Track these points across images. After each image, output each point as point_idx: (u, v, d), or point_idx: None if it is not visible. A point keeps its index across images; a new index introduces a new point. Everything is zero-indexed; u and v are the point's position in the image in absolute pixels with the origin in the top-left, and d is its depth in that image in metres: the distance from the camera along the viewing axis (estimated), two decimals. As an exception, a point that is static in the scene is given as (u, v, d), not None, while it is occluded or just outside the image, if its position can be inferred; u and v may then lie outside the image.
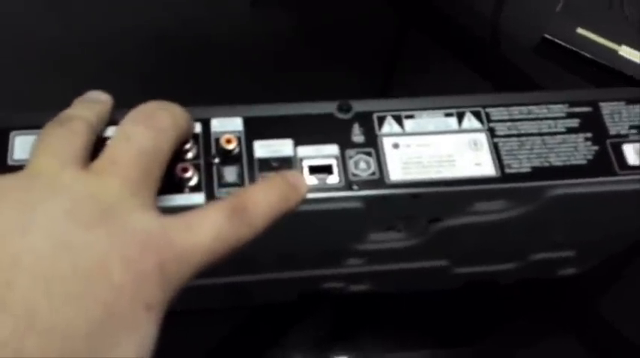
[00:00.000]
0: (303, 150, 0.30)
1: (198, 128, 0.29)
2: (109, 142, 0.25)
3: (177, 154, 0.28)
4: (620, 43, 0.51)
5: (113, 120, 0.28)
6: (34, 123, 0.28)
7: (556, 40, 0.52)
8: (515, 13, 0.56)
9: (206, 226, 0.24)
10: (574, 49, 0.52)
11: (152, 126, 0.25)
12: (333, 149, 0.30)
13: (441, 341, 0.46)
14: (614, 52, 0.51)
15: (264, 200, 0.26)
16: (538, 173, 0.30)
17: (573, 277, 0.45)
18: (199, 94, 0.49)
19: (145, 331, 0.22)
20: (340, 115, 0.31)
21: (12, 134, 0.29)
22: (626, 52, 0.51)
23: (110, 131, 0.28)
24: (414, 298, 0.44)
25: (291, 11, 0.57)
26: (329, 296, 0.43)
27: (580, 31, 0.52)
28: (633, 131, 0.31)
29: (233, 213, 0.24)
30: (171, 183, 0.28)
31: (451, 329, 0.46)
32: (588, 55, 0.51)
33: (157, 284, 0.22)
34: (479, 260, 0.40)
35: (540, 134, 0.30)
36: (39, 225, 0.21)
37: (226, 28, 0.54)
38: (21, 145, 0.28)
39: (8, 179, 0.23)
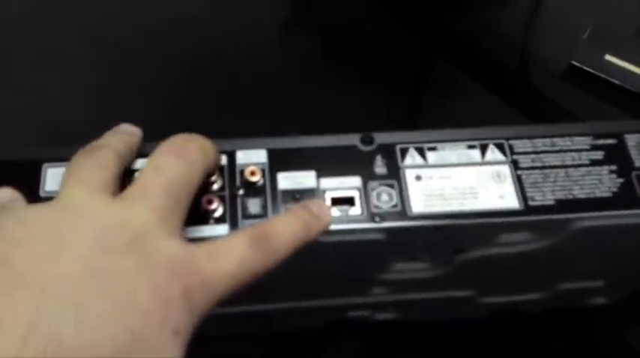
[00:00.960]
0: (326, 182, 0.30)
1: (223, 160, 0.30)
2: (139, 172, 0.26)
3: (203, 186, 0.29)
4: (649, 70, 0.51)
5: (143, 153, 0.29)
6: (65, 156, 0.29)
7: (584, 67, 0.52)
8: (544, 39, 0.56)
9: (230, 254, 0.24)
10: (602, 75, 0.51)
11: (182, 158, 0.26)
12: (355, 181, 0.30)
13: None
14: (644, 79, 0.51)
15: (286, 229, 0.26)
16: (562, 206, 0.29)
17: (603, 307, 0.44)
18: (225, 122, 0.50)
19: (170, 356, 0.22)
20: (363, 147, 0.31)
21: (44, 166, 0.30)
22: (655, 78, 0.51)
23: (139, 163, 0.29)
24: (441, 327, 0.44)
25: (319, 38, 0.57)
26: (355, 324, 0.43)
27: (608, 57, 0.52)
28: (659, 163, 0.31)
29: (256, 241, 0.25)
30: (197, 214, 0.28)
31: (478, 359, 0.45)
32: (616, 82, 0.51)
33: (183, 310, 0.23)
34: (505, 290, 0.40)
35: (564, 166, 0.30)
36: (68, 252, 0.22)
37: (255, 55, 0.55)
38: (52, 177, 0.29)
39: (39, 208, 0.24)
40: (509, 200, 0.29)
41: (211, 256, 0.24)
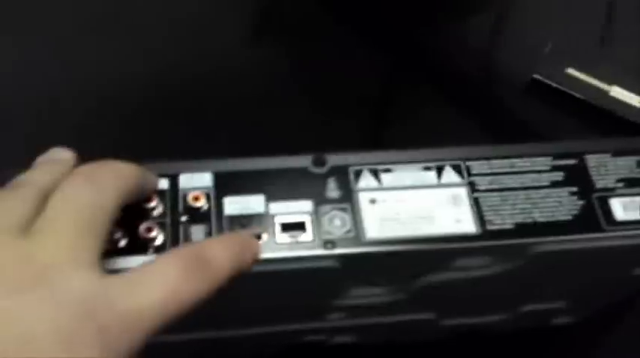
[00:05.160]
0: (276, 207, 0.28)
1: (165, 184, 0.28)
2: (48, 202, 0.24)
3: (142, 212, 0.27)
4: (610, 84, 0.50)
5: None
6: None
7: (545, 81, 0.51)
8: (506, 53, 0.55)
9: (156, 284, 0.22)
10: (563, 89, 0.51)
11: (91, 183, 0.24)
12: (306, 205, 0.28)
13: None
14: (605, 93, 0.50)
15: (223, 253, 0.24)
16: (521, 229, 0.28)
17: (569, 326, 0.43)
18: (182, 139, 0.48)
19: None
20: (315, 169, 0.29)
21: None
22: (617, 92, 0.50)
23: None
24: (400, 349, 0.42)
25: (286, 52, 0.56)
26: (313, 348, 0.42)
27: (570, 71, 0.51)
28: (620, 184, 0.30)
29: (191, 266, 0.23)
30: (135, 243, 0.26)
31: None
32: (578, 96, 0.50)
33: (98, 353, 0.20)
34: (467, 311, 0.39)
35: (523, 188, 0.29)
36: None
37: (219, 71, 0.53)
38: None
39: None
40: (466, 224, 0.28)
41: (132, 288, 0.22)
